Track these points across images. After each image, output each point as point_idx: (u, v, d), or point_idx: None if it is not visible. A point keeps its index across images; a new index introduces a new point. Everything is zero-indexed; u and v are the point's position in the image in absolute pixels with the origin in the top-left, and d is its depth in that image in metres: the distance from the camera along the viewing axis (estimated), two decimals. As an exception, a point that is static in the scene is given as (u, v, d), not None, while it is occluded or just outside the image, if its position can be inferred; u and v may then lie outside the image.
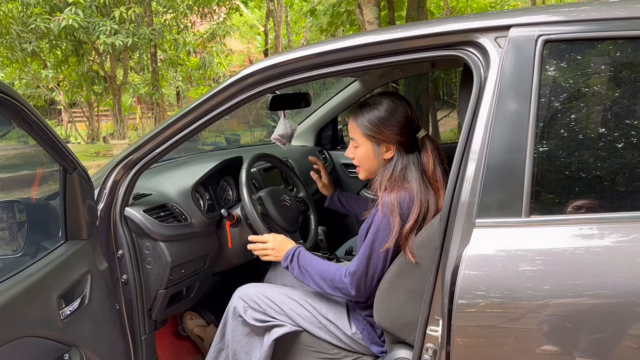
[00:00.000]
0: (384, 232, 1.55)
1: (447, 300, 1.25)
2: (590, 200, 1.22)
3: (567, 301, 1.16)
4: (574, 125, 1.25)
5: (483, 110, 1.28)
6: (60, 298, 1.33)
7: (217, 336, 1.85)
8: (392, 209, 1.54)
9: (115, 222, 1.72)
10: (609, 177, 1.24)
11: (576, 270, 1.16)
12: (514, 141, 1.23)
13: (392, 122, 1.64)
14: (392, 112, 1.64)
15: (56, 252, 1.41)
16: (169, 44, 11.64)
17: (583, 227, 1.20)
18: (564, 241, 1.19)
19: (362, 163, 1.73)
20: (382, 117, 1.64)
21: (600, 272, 1.14)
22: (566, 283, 1.15)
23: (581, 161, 1.23)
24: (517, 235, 1.22)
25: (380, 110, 1.65)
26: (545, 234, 1.21)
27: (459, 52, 1.37)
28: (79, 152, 12.27)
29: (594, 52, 1.27)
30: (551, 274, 1.17)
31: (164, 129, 1.67)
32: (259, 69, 1.56)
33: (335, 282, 1.63)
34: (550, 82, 1.25)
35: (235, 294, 1.83)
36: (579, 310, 1.16)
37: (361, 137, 1.68)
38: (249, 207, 1.84)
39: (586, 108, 1.26)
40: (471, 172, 1.26)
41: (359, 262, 1.59)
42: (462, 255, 1.22)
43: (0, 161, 4.77)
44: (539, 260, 1.19)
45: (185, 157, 2.59)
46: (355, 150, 1.73)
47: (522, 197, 1.21)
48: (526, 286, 1.18)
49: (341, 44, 1.48)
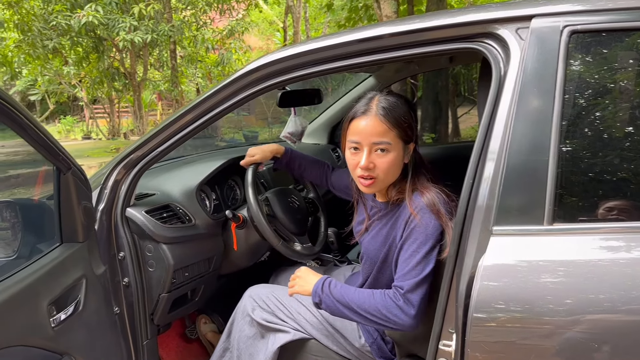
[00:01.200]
0: (434, 236, 1.35)
1: (461, 312, 1.15)
2: (619, 207, 1.11)
3: (592, 317, 1.06)
4: (601, 123, 1.14)
5: (503, 107, 1.17)
6: (51, 305, 1.26)
7: (224, 335, 1.80)
8: (433, 207, 1.37)
9: (116, 223, 1.66)
10: (639, 182, 1.13)
11: (602, 284, 1.05)
12: (536, 141, 1.12)
13: (413, 116, 1.45)
14: (409, 104, 1.45)
15: (49, 256, 1.35)
16: (188, 41, 11.60)
17: (611, 237, 1.10)
18: (590, 252, 1.09)
19: (387, 172, 1.41)
20: (410, 111, 1.43)
21: (628, 287, 1.03)
22: (589, 297, 1.05)
23: (610, 164, 1.12)
24: (539, 244, 1.11)
25: (404, 104, 1.43)
26: (569, 244, 1.10)
27: (477, 45, 1.27)
28: (99, 148, 12.39)
29: (624, 44, 1.15)
30: (574, 287, 1.07)
31: (166, 127, 1.60)
32: (264, 64, 1.48)
33: (388, 309, 1.36)
34: (576, 77, 1.14)
35: (246, 293, 1.78)
36: (605, 327, 1.06)
37: (395, 139, 1.39)
38: (255, 208, 1.76)
39: (615, 105, 1.15)
40: (489, 174, 1.16)
41: (414, 279, 1.35)
42: (479, 266, 1.12)
43: (16, 157, 4.76)
44: (561, 272, 1.09)
45: (193, 155, 2.52)
46: (380, 158, 1.39)
47: (545, 203, 1.11)
48: (547, 300, 1.08)
49: (351, 37, 1.39)
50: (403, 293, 1.35)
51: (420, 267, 1.35)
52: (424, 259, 1.35)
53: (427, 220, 1.36)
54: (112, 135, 14.95)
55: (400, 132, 1.39)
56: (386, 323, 1.37)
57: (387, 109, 1.39)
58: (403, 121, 1.39)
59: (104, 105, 15.11)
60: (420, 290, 1.35)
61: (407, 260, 1.37)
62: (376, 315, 1.37)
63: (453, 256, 1.23)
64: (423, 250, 1.35)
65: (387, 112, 1.38)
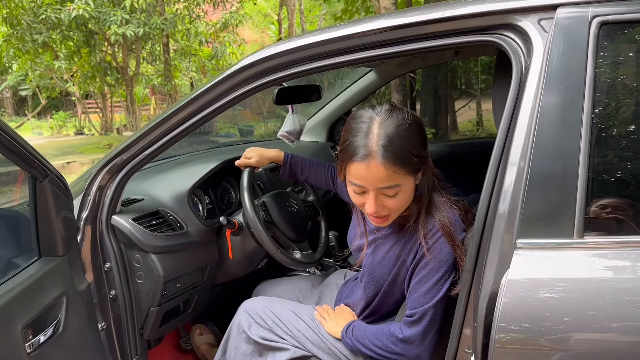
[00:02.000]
0: (447, 263, 1.25)
1: (481, 332, 1.04)
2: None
3: (625, 339, 0.95)
4: (636, 124, 1.02)
5: (525, 106, 1.06)
6: (26, 328, 1.14)
7: (219, 352, 1.67)
8: (447, 230, 1.25)
9: (102, 232, 1.54)
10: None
11: (637, 302, 0.94)
12: (564, 144, 1.01)
13: (424, 140, 1.28)
14: (419, 127, 1.26)
15: (26, 272, 1.23)
16: (181, 34, 11.43)
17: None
18: (624, 269, 0.98)
19: (400, 209, 1.29)
20: (420, 140, 1.25)
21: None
22: (622, 316, 0.94)
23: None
24: (567, 259, 1.00)
25: (410, 124, 1.23)
26: (601, 259, 0.99)
27: (495, 38, 1.15)
28: (92, 144, 12.22)
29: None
30: (605, 306, 0.95)
31: (153, 128, 1.48)
32: (259, 59, 1.36)
33: (390, 343, 1.33)
34: (608, 73, 1.02)
35: (241, 307, 1.65)
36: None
37: (405, 177, 1.22)
38: (251, 214, 1.63)
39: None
40: (511, 182, 1.04)
41: (421, 308, 1.27)
42: (502, 282, 1.00)
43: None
44: (591, 291, 0.98)
45: (184, 155, 2.39)
46: (390, 200, 1.24)
47: (574, 214, 0.99)
48: (578, 320, 0.97)
49: (353, 30, 1.26)
50: (410, 322, 1.30)
51: (430, 295, 1.27)
52: (435, 286, 1.27)
53: (441, 245, 1.26)
54: (105, 130, 14.78)
55: (409, 169, 1.21)
56: (397, 357, 1.34)
57: (390, 148, 1.18)
58: (411, 155, 1.20)
59: (97, 100, 14.92)
60: (427, 318, 1.28)
61: (416, 287, 1.29)
62: (385, 350, 1.35)
63: (470, 271, 1.12)
64: (435, 277, 1.27)
65: (391, 153, 1.18)
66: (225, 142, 4.45)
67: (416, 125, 1.24)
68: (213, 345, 2.14)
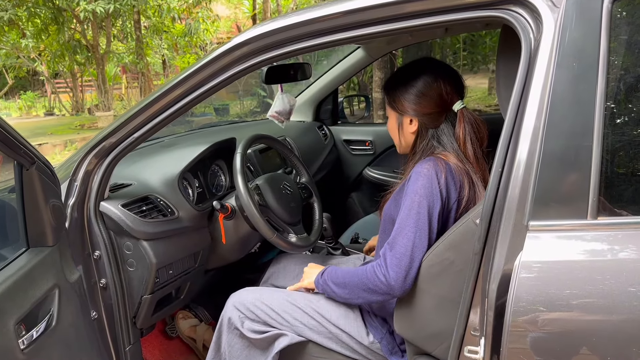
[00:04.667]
0: (426, 194, 1.30)
1: (492, 315, 1.03)
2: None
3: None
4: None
5: (536, 84, 1.02)
6: (19, 323, 1.09)
7: (212, 350, 1.62)
8: (431, 174, 1.32)
9: (90, 220, 1.48)
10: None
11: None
12: (578, 123, 0.98)
13: (412, 93, 1.43)
14: (413, 82, 1.43)
15: (15, 265, 1.17)
16: (152, 10, 11.13)
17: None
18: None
19: (392, 135, 1.55)
20: (405, 87, 1.45)
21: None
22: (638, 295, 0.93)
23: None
24: (582, 241, 0.99)
25: (404, 79, 1.45)
26: (616, 240, 0.98)
27: (502, 13, 1.11)
28: (63, 125, 11.91)
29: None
30: (622, 289, 0.94)
31: (143, 109, 1.41)
32: (253, 37, 1.30)
33: (369, 281, 1.32)
34: (623, 50, 1.00)
35: (229, 302, 1.59)
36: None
37: (388, 107, 1.53)
38: (245, 198, 1.59)
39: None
40: (522, 162, 1.01)
41: (394, 239, 1.30)
42: (515, 265, 0.99)
43: None
44: (607, 272, 0.96)
45: (171, 137, 2.32)
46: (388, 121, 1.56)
47: (588, 195, 0.97)
48: (594, 302, 0.96)
49: (352, 6, 1.21)
50: (385, 253, 1.31)
51: (403, 227, 1.30)
52: (407, 218, 1.30)
53: (421, 181, 1.32)
54: (76, 110, 14.40)
55: (389, 101, 1.51)
56: (374, 296, 1.34)
57: (390, 79, 1.51)
58: (391, 91, 1.49)
59: (66, 79, 14.48)
60: (398, 254, 1.28)
61: (397, 222, 1.33)
62: (363, 289, 1.35)
63: (479, 253, 1.10)
64: (407, 208, 1.31)
65: (387, 82, 1.52)
66: (210, 123, 4.36)
67: (424, 88, 1.43)
68: (194, 326, 2.12)
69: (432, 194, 1.30)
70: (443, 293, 1.28)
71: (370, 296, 1.35)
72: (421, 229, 1.28)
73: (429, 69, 1.44)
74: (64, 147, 9.51)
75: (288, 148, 1.99)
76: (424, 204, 1.29)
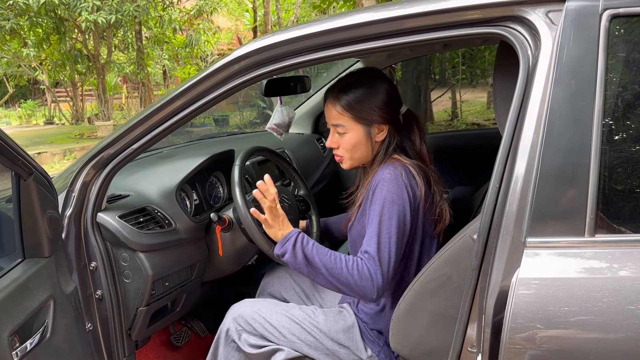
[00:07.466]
0: (394, 199, 1.35)
1: (489, 332, 1.02)
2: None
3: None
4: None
5: (534, 101, 1.03)
6: (12, 335, 1.08)
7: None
8: (394, 177, 1.38)
9: (87, 230, 1.47)
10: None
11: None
12: (575, 140, 0.99)
13: (380, 100, 1.46)
14: (377, 88, 1.47)
15: (10, 276, 1.16)
16: (154, 21, 11.18)
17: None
18: (637, 268, 0.96)
19: (352, 151, 1.49)
20: (371, 95, 1.45)
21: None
22: (638, 313, 0.93)
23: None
24: (579, 258, 0.99)
25: (366, 88, 1.46)
26: (613, 258, 0.98)
27: (500, 30, 1.12)
28: (62, 134, 11.92)
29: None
30: (620, 307, 0.94)
31: (142, 120, 1.41)
32: (253, 50, 1.30)
33: (356, 284, 1.34)
34: (620, 68, 1.00)
35: (228, 314, 1.58)
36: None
37: (350, 122, 1.46)
38: (243, 211, 1.58)
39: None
40: (519, 178, 1.02)
41: (367, 244, 1.36)
42: (512, 282, 0.98)
43: None
44: (604, 290, 0.96)
45: (169, 148, 2.32)
46: (341, 139, 1.49)
47: (586, 212, 0.98)
48: (591, 319, 0.95)
49: (352, 21, 1.22)
50: (364, 253, 1.36)
51: (384, 233, 1.34)
52: (378, 223, 1.35)
53: (386, 187, 1.36)
54: (75, 120, 14.42)
55: (354, 115, 1.45)
56: (358, 287, 1.35)
57: (337, 95, 1.46)
58: (357, 105, 1.44)
59: (67, 88, 14.52)
60: (379, 251, 1.33)
61: (369, 227, 1.37)
62: (347, 279, 1.35)
63: (476, 269, 1.10)
64: (377, 213, 1.35)
65: (340, 97, 1.46)
66: (209, 134, 4.36)
67: (376, 86, 1.46)
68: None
69: (402, 197, 1.36)
70: (440, 309, 1.28)
71: (349, 292, 1.38)
72: (395, 234, 1.34)
73: (372, 76, 1.51)
74: (63, 156, 9.51)
75: (286, 160, 1.99)
76: (394, 210, 1.35)
